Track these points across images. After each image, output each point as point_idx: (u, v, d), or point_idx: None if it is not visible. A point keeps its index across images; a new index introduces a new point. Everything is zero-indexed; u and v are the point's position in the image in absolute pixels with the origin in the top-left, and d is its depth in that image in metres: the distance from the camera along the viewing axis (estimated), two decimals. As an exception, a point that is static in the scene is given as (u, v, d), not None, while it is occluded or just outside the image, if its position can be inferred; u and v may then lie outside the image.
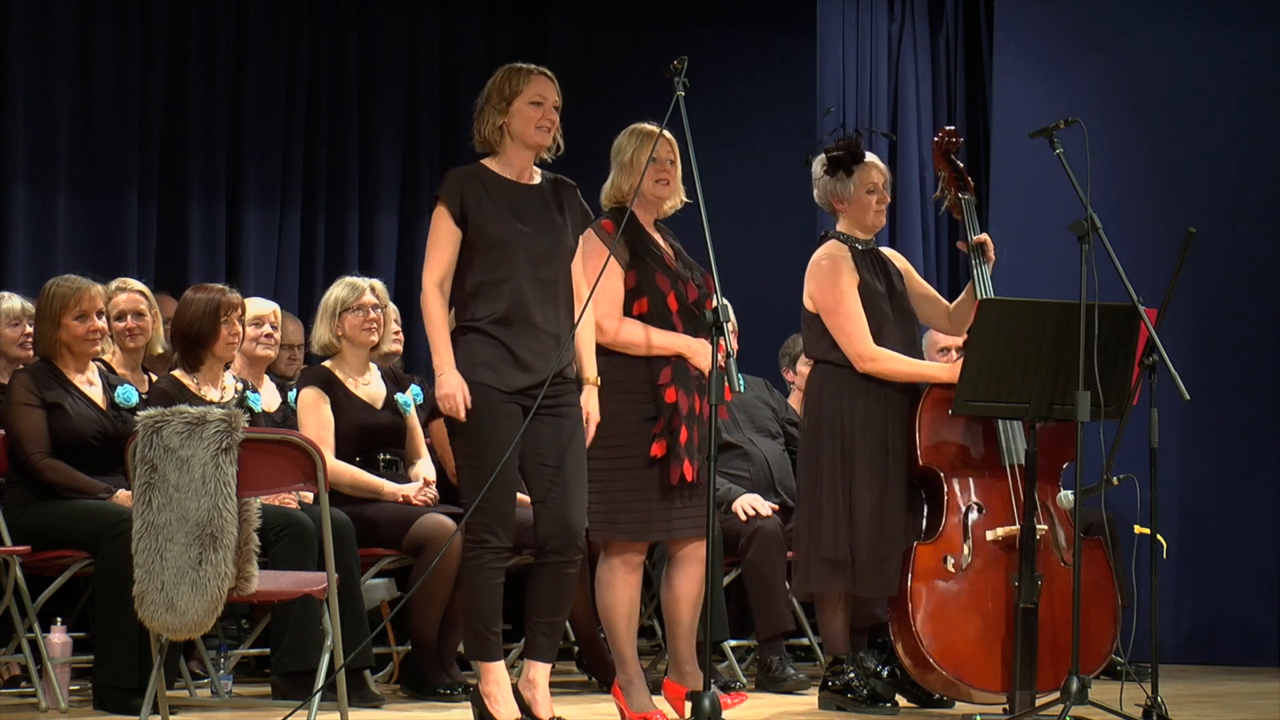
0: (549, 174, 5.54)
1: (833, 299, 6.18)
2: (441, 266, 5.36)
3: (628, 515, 5.58)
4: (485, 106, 5.44)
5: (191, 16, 9.31)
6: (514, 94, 5.40)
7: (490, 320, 5.33)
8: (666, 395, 5.57)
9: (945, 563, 6.05)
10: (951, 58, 9.60)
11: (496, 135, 5.43)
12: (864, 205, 6.29)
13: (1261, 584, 8.51)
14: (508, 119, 5.41)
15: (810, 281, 6.26)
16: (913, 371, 6.17)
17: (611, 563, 5.66)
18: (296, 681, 6.12)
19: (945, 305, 6.45)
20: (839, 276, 6.19)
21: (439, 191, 5.40)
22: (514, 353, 5.32)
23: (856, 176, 6.28)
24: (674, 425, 5.56)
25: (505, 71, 5.46)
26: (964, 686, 6.07)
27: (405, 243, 10.04)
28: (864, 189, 6.28)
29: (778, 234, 9.61)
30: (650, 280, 5.65)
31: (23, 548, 6.13)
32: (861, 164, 6.29)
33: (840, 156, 6.30)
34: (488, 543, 5.31)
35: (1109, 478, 5.60)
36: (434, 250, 5.38)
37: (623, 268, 5.65)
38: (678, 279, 5.67)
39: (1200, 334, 8.52)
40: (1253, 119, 8.64)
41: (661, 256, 5.70)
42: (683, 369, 5.61)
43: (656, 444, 5.54)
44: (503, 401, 5.29)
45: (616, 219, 5.68)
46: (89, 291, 6.37)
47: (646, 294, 5.65)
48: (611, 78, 10.00)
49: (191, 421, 4.98)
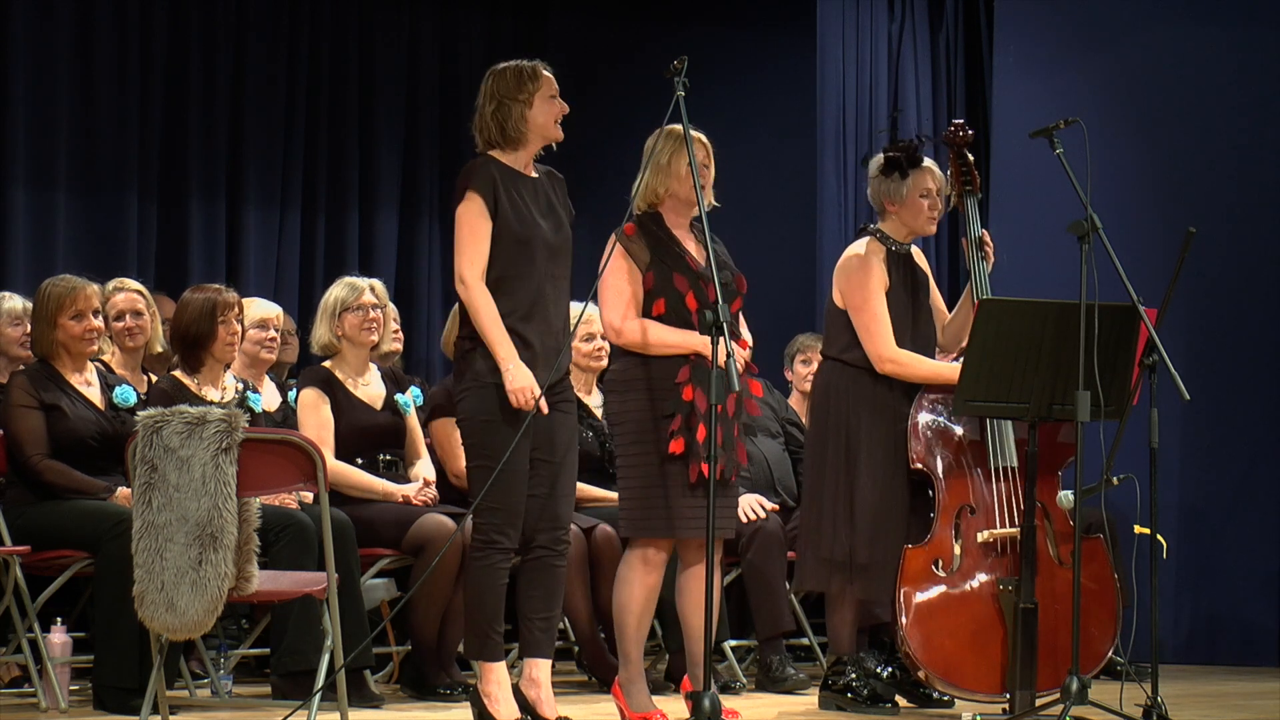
0: (541, 166, 5.54)
1: (860, 297, 6.16)
2: (481, 259, 5.31)
3: (652, 512, 5.56)
4: (506, 101, 5.40)
5: (191, 17, 9.31)
6: (535, 89, 5.41)
7: (515, 318, 5.32)
8: (684, 393, 5.56)
9: (935, 566, 6.05)
10: (951, 58, 9.60)
11: (521, 127, 5.41)
12: (916, 209, 6.27)
13: (1261, 584, 8.51)
14: (533, 113, 5.41)
15: (840, 277, 6.25)
16: (932, 374, 6.15)
17: (632, 561, 5.65)
18: (296, 681, 6.12)
19: (945, 317, 6.43)
20: (869, 275, 6.18)
21: (472, 183, 5.33)
22: (535, 351, 5.32)
23: (911, 179, 6.27)
24: (691, 424, 5.54)
25: (515, 69, 5.44)
26: (953, 689, 6.07)
27: (405, 243, 10.05)
28: (917, 192, 6.27)
29: (778, 234, 9.62)
30: (668, 280, 5.62)
31: (23, 548, 6.13)
32: (918, 168, 6.28)
33: (897, 158, 6.29)
34: (498, 543, 5.31)
35: (1109, 478, 5.61)
36: (470, 243, 5.32)
37: (642, 270, 5.63)
38: (698, 279, 5.64)
39: (1200, 334, 8.52)
40: (1253, 119, 8.64)
41: (684, 257, 5.67)
42: (701, 368, 5.56)
43: (675, 441, 5.52)
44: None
45: (640, 221, 5.67)
46: (84, 291, 6.36)
47: (664, 294, 5.63)
48: (611, 78, 10.01)
49: (191, 421, 4.98)
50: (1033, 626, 5.87)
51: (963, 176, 6.47)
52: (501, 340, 5.26)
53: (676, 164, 5.62)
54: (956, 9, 9.60)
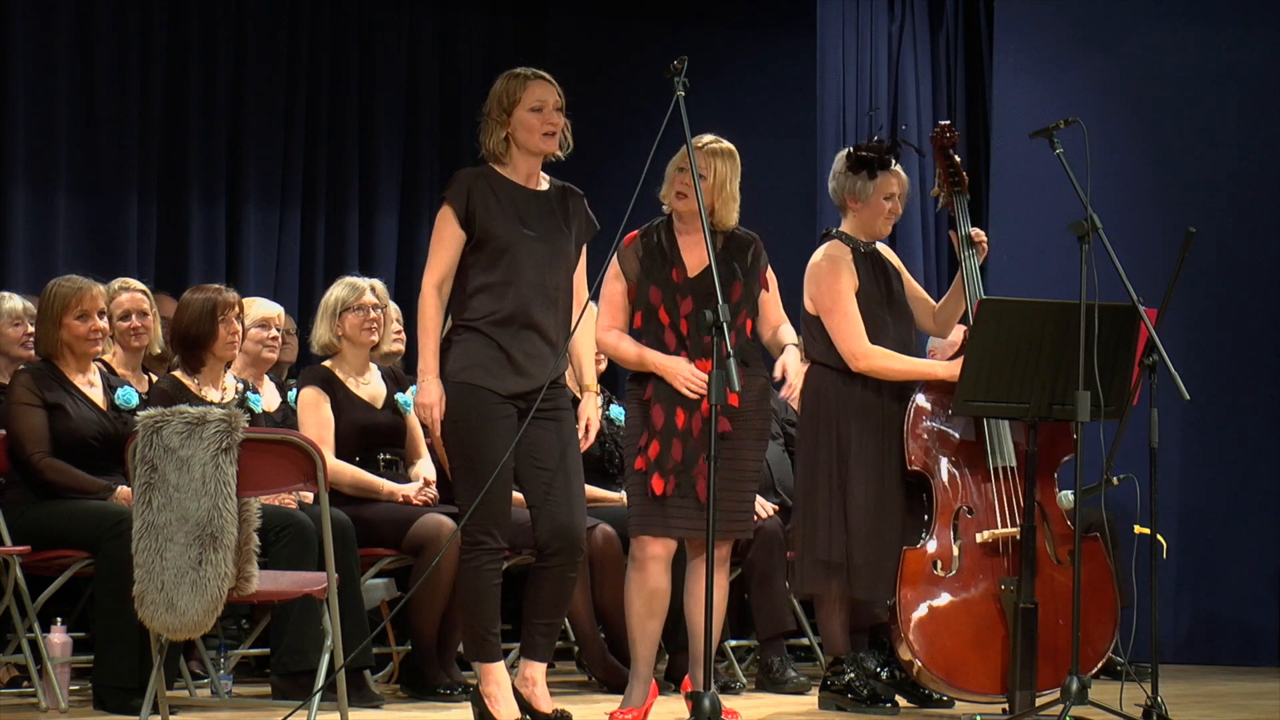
0: (559, 181, 5.55)
1: (830, 299, 6.18)
2: (442, 268, 5.37)
3: (647, 510, 5.60)
4: (487, 119, 5.44)
5: (191, 16, 9.31)
6: (513, 103, 5.41)
7: (489, 322, 5.34)
8: (652, 411, 5.60)
9: (935, 567, 6.05)
10: (951, 58, 9.60)
11: (501, 147, 5.44)
12: (877, 210, 6.27)
13: (1261, 584, 8.51)
14: (510, 129, 5.41)
15: (809, 283, 6.27)
16: (907, 369, 6.16)
17: (629, 558, 5.69)
18: (296, 681, 6.12)
19: (932, 305, 6.45)
20: (838, 278, 6.19)
21: (446, 193, 5.40)
22: (510, 356, 5.33)
23: (878, 181, 6.27)
24: (649, 441, 5.59)
25: (504, 79, 5.46)
26: (954, 690, 6.07)
27: (405, 243, 10.05)
28: (881, 195, 6.27)
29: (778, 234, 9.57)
30: (644, 294, 5.67)
31: (23, 548, 6.13)
32: (887, 170, 6.28)
33: (868, 157, 6.28)
34: (484, 544, 5.32)
35: (1109, 478, 5.61)
36: (436, 252, 5.39)
37: (631, 280, 5.66)
38: (676, 292, 5.66)
39: (1200, 334, 8.52)
40: (1252, 119, 8.64)
41: (672, 269, 5.69)
42: (665, 384, 5.62)
43: (639, 458, 5.60)
44: (496, 403, 5.30)
45: (646, 231, 5.73)
46: (90, 291, 6.37)
47: (641, 307, 5.68)
48: (611, 78, 10.01)
49: (191, 421, 4.98)
50: (1033, 626, 5.87)
51: (951, 177, 6.47)
52: (427, 352, 5.33)
53: (673, 175, 5.68)
54: (956, 9, 9.60)
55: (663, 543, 5.63)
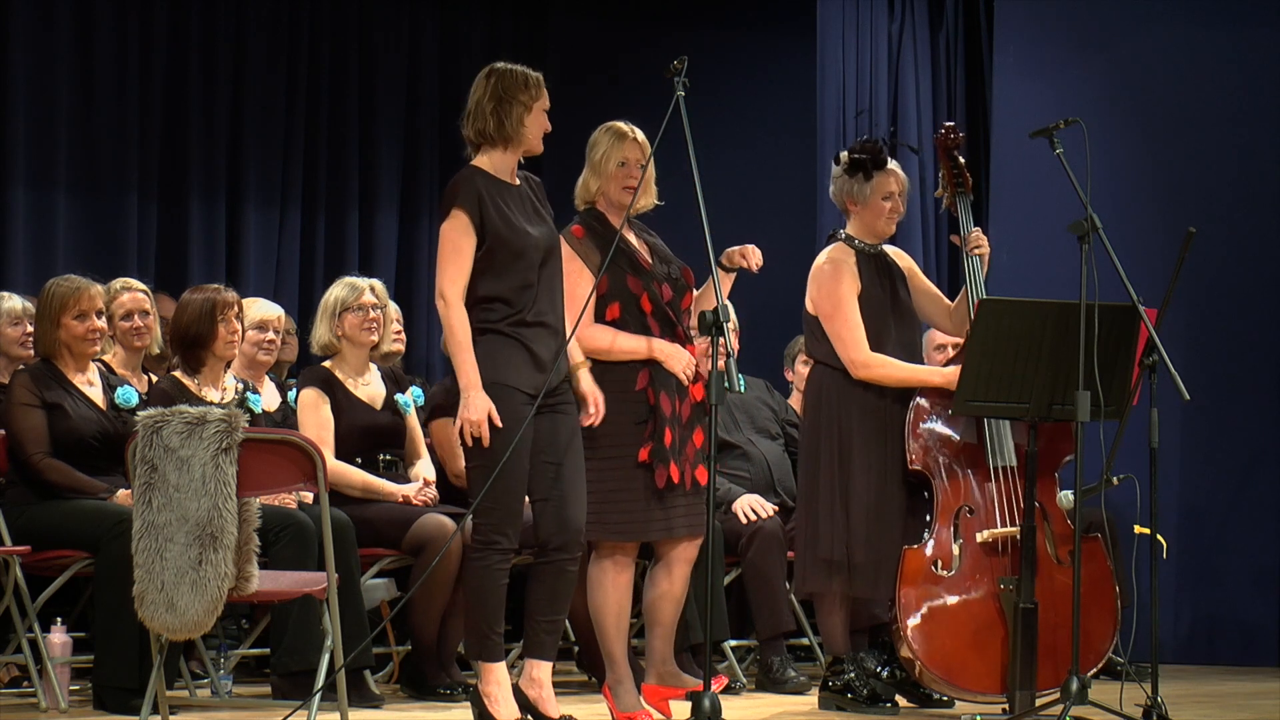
0: (519, 172, 5.53)
1: (831, 304, 6.18)
2: (463, 277, 5.28)
3: (618, 515, 5.59)
4: (508, 99, 5.37)
5: (191, 17, 9.31)
6: (534, 98, 5.40)
7: (510, 322, 5.30)
8: (649, 399, 5.59)
9: (935, 566, 6.05)
10: (951, 58, 9.60)
11: (519, 128, 5.40)
12: (877, 211, 6.27)
13: (1261, 584, 8.51)
14: (530, 118, 5.40)
15: (812, 285, 6.26)
16: (907, 377, 6.16)
17: (602, 563, 5.68)
18: (296, 681, 6.12)
19: (947, 304, 6.44)
20: (839, 282, 6.19)
21: (458, 200, 5.31)
22: (534, 353, 5.31)
23: (875, 181, 6.26)
24: (659, 429, 5.57)
25: (521, 72, 5.41)
26: (954, 690, 6.07)
27: (405, 243, 10.05)
28: (880, 195, 6.27)
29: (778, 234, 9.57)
30: (621, 283, 5.66)
31: (23, 548, 6.13)
32: (883, 170, 6.27)
33: (862, 159, 6.28)
34: (497, 544, 5.30)
35: (1109, 478, 5.61)
36: (453, 261, 5.29)
37: (594, 273, 5.63)
38: (651, 279, 5.67)
39: (1200, 334, 8.52)
40: (1252, 119, 8.64)
41: (635, 256, 5.70)
42: (660, 372, 5.62)
43: (643, 448, 5.56)
44: (523, 403, 5.28)
45: (586, 222, 5.72)
46: (89, 291, 6.37)
47: (618, 298, 5.66)
48: (611, 78, 10.00)
49: (191, 421, 4.98)
50: (1033, 626, 5.87)
51: (955, 178, 6.46)
52: (468, 364, 5.23)
53: (606, 164, 5.67)
54: (956, 9, 9.60)
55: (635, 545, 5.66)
